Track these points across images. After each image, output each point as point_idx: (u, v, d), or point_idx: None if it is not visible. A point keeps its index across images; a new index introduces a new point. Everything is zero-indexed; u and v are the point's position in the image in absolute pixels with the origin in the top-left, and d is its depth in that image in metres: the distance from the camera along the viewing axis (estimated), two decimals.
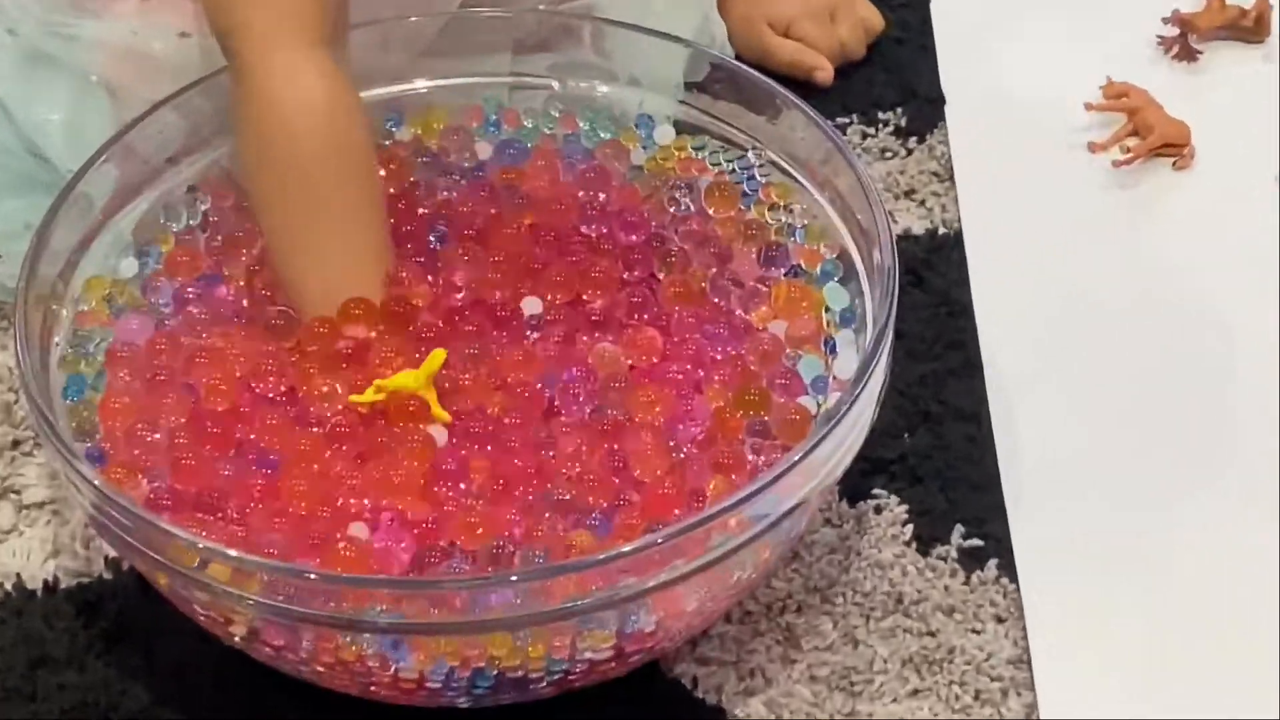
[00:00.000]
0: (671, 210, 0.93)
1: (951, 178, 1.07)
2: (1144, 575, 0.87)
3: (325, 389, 0.82)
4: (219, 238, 0.91)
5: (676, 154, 0.96)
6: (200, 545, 0.74)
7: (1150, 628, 0.85)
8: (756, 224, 0.92)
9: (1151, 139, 1.07)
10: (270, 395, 0.83)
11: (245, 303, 0.88)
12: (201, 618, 0.78)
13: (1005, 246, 1.03)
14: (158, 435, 0.82)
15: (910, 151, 1.10)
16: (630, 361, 0.85)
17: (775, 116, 0.93)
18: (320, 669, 0.77)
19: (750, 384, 0.84)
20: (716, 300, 0.88)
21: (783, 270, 0.90)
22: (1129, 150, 1.07)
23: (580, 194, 0.93)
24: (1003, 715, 0.82)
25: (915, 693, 0.83)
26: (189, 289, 0.89)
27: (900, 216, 1.05)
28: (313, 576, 0.73)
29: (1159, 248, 1.03)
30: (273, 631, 0.75)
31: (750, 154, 0.94)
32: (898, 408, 0.93)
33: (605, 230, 0.91)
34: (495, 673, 0.76)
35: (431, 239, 0.90)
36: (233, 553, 0.74)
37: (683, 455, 0.81)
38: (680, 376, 0.84)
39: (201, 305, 0.88)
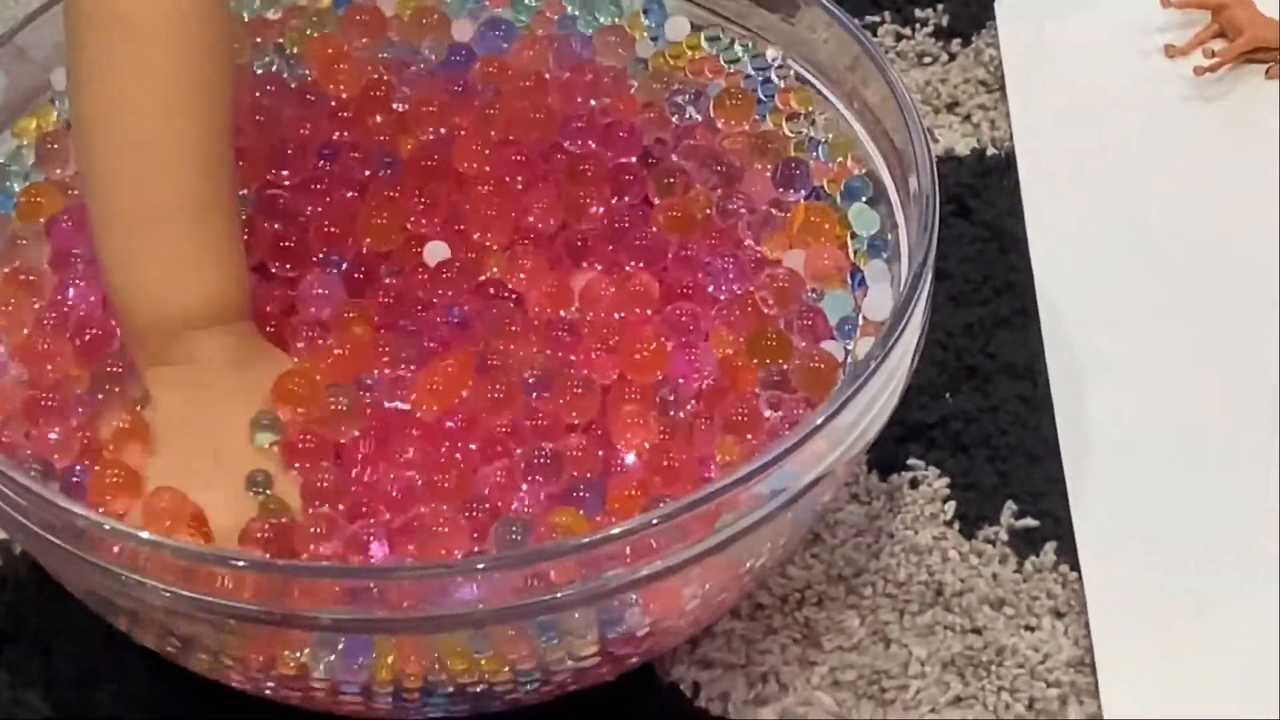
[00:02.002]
0: (674, 120, 0.91)
1: (1002, 88, 1.07)
2: (1229, 563, 0.86)
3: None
4: None
5: (689, 53, 0.94)
6: (108, 527, 0.73)
7: (1236, 625, 0.84)
8: (772, 137, 0.91)
9: (1240, 42, 1.06)
10: None
11: None
12: (111, 614, 0.77)
13: (1065, 170, 1.03)
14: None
15: (953, 56, 1.10)
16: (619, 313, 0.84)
17: (792, 14, 0.92)
18: (261, 680, 0.77)
19: (766, 327, 0.83)
20: (722, 228, 0.87)
21: (803, 193, 0.89)
22: (1214, 55, 1.07)
23: (570, 99, 0.91)
24: None
25: (958, 700, 0.82)
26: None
27: (941, 134, 1.05)
28: (241, 564, 0.72)
29: (1248, 171, 1.02)
30: (200, 633, 0.75)
31: (769, 51, 0.93)
32: (938, 362, 0.93)
33: (593, 146, 0.90)
34: (449, 688, 0.75)
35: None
36: (146, 535, 0.73)
37: (683, 414, 0.80)
38: (679, 320, 0.83)
39: None
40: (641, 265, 0.85)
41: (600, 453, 0.79)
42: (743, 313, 0.83)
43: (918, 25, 1.11)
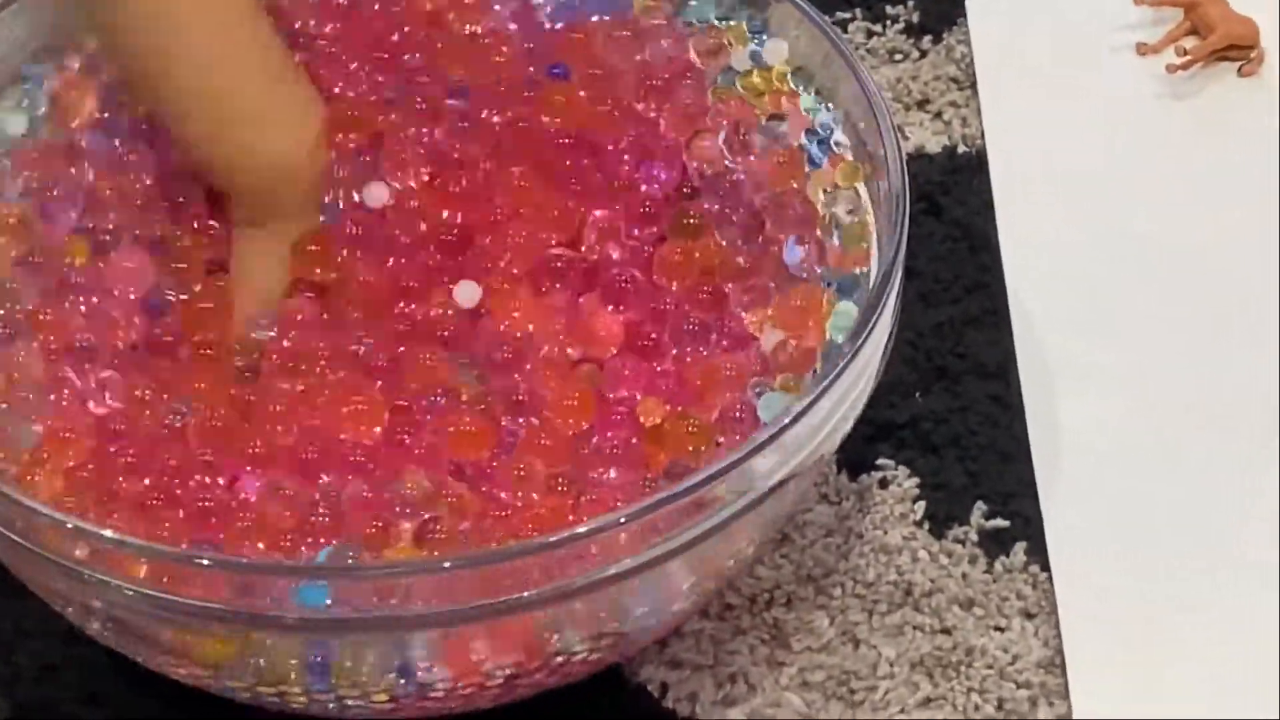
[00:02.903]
0: (726, 159, 0.87)
1: (973, 85, 1.07)
2: (1200, 564, 0.86)
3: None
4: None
5: (778, 83, 0.90)
6: (70, 525, 0.72)
7: (1207, 626, 0.84)
8: (804, 206, 0.86)
9: (1213, 39, 1.07)
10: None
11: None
12: (71, 613, 0.77)
13: (1037, 168, 1.03)
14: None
15: (924, 53, 1.10)
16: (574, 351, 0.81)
17: (763, 10, 0.92)
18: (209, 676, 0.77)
19: (692, 414, 0.79)
20: (715, 286, 0.83)
21: (819, 271, 0.85)
22: (1186, 53, 1.07)
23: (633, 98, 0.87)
24: None
25: (927, 701, 0.83)
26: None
27: (912, 132, 1.05)
28: (205, 562, 0.72)
29: (1221, 169, 1.03)
30: (158, 631, 0.75)
31: (831, 113, 0.89)
32: (908, 361, 0.93)
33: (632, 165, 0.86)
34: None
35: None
36: (108, 533, 0.72)
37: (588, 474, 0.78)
38: (621, 374, 0.80)
39: None
40: (621, 308, 0.82)
41: (485, 488, 0.78)
42: (679, 387, 0.81)
43: (888, 22, 1.11)
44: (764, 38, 0.92)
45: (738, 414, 0.80)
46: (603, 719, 0.82)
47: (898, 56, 1.10)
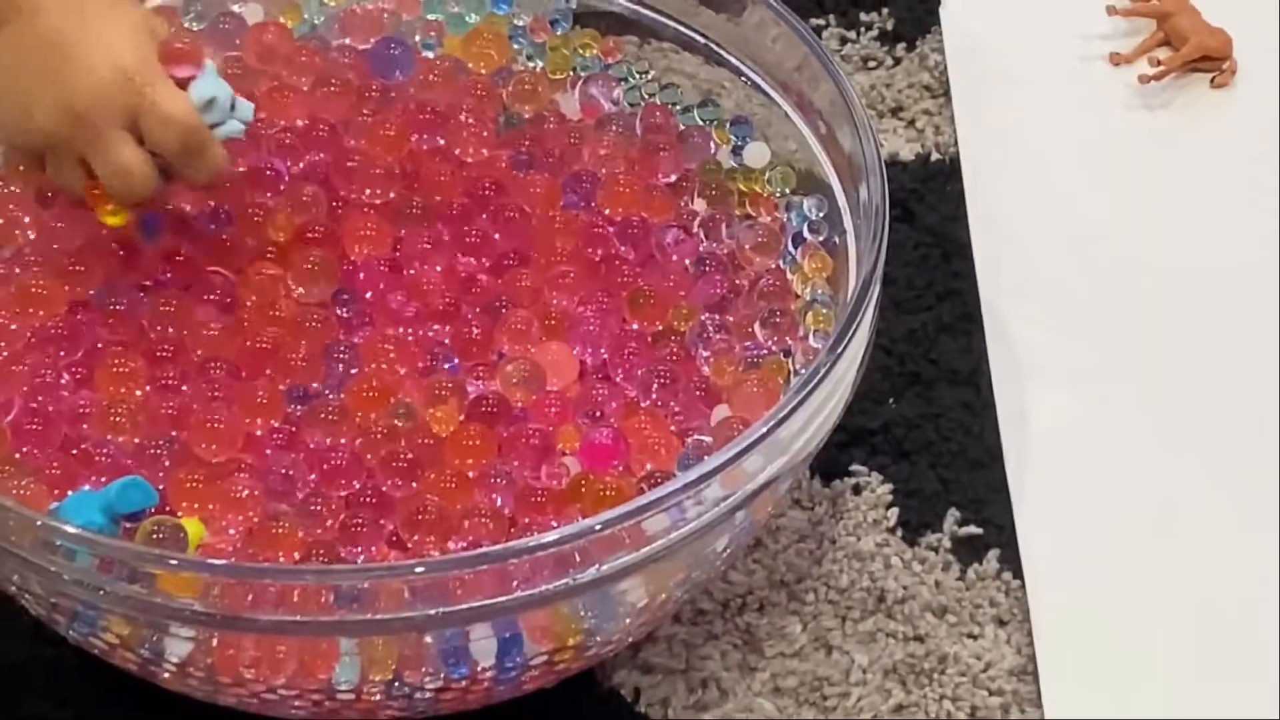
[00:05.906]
0: (702, 239, 0.89)
1: (947, 93, 1.07)
2: (1170, 571, 0.86)
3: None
4: None
5: (755, 186, 0.91)
6: (39, 523, 0.71)
7: (1177, 633, 0.84)
8: (777, 287, 0.87)
9: (1186, 50, 1.07)
10: None
11: None
12: (36, 611, 0.76)
13: (1009, 176, 1.03)
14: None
15: (898, 61, 1.10)
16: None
17: (738, 15, 0.92)
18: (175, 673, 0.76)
19: (606, 480, 0.79)
20: (681, 347, 0.84)
21: (783, 347, 0.85)
22: (1159, 63, 1.07)
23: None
24: None
25: (899, 708, 0.82)
26: None
27: (886, 139, 1.05)
28: (174, 562, 0.71)
29: (1192, 178, 1.03)
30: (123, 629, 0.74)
31: (810, 203, 0.89)
32: (881, 368, 0.93)
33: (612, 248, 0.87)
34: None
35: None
36: (73, 530, 0.71)
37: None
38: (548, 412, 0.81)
39: None
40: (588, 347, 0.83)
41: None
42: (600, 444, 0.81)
43: (862, 29, 1.11)
44: (747, 140, 0.92)
45: (655, 481, 0.78)
46: None
47: (871, 64, 1.10)
